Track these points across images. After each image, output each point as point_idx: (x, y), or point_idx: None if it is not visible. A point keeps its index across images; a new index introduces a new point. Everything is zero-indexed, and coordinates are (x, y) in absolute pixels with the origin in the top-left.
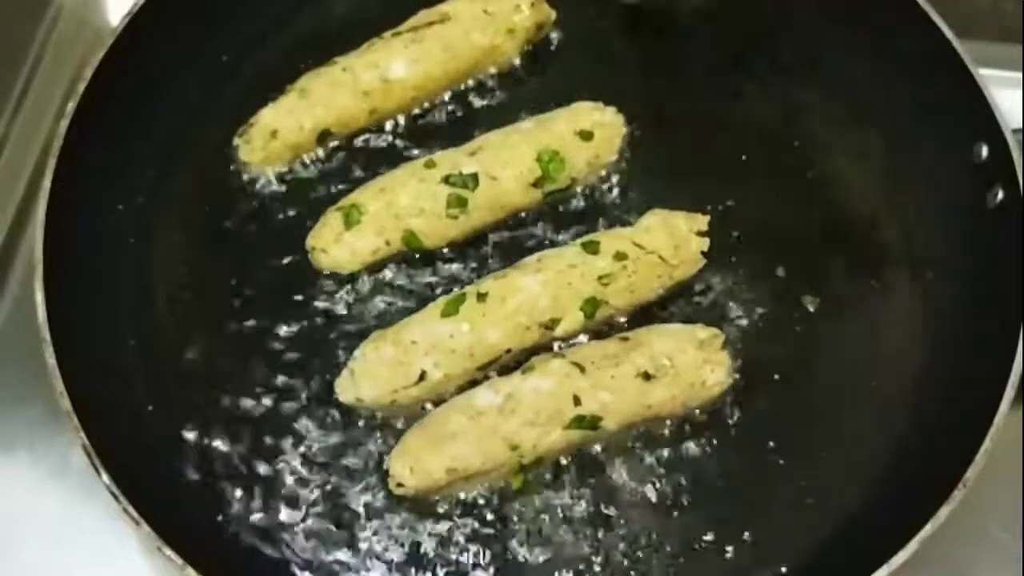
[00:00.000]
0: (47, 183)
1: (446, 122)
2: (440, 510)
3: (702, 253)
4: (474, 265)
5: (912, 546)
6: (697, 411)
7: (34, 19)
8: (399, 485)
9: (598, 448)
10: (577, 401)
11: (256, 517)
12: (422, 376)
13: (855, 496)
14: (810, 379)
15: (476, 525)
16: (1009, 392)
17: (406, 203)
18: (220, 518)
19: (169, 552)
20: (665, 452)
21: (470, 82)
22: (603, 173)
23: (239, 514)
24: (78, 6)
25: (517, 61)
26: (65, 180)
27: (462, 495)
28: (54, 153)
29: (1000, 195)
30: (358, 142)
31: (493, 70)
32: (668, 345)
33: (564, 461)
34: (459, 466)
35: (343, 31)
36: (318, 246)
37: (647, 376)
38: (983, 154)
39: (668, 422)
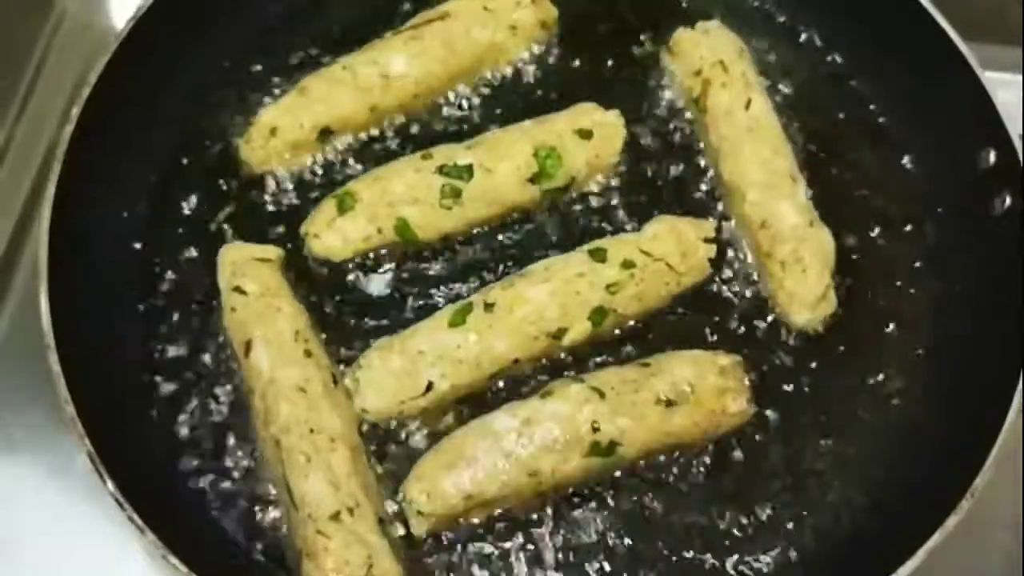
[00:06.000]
0: (51, 188)
1: (449, 123)
2: (454, 534)
3: (709, 260)
4: (475, 267)
5: (920, 556)
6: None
7: (38, 23)
8: (419, 513)
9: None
10: (595, 427)
11: (261, 526)
12: (429, 387)
13: (863, 506)
14: (818, 390)
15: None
16: (1016, 400)
17: (400, 191)
18: (225, 525)
19: (174, 560)
20: (669, 458)
21: (474, 82)
22: (604, 175)
23: (244, 522)
24: (82, 10)
25: (524, 62)
26: (69, 185)
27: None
28: (58, 158)
29: (1008, 201)
30: (360, 142)
31: (498, 71)
32: (688, 372)
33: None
34: (476, 492)
35: (344, 32)
36: (311, 232)
37: (668, 403)
38: (990, 160)
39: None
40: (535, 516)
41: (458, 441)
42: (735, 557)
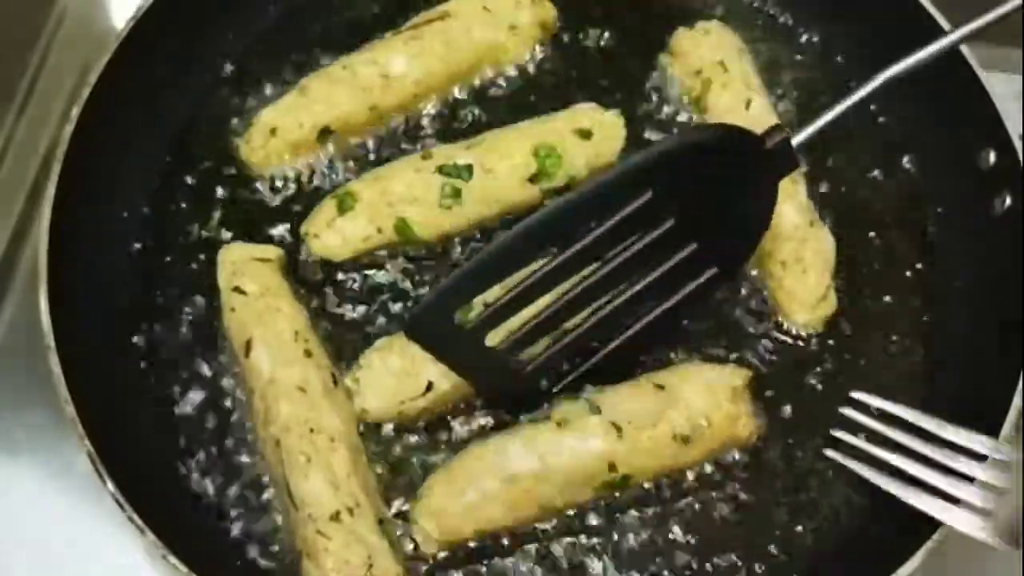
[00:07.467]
0: (51, 188)
1: (449, 123)
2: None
3: None
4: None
5: (920, 556)
6: None
7: (38, 22)
8: (426, 540)
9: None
10: (612, 468)
11: (260, 527)
12: (429, 387)
13: (863, 507)
14: (817, 390)
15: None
16: (1016, 400)
17: (400, 191)
18: (225, 525)
19: (174, 560)
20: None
21: (474, 82)
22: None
23: (244, 522)
24: (82, 9)
25: (524, 62)
26: (69, 186)
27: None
28: (58, 159)
29: (1008, 201)
30: (361, 141)
31: (498, 71)
32: (703, 402)
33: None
34: (488, 527)
35: (344, 32)
36: (311, 231)
37: (684, 440)
38: (990, 160)
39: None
40: (540, 527)
41: (470, 467)
42: (736, 558)
